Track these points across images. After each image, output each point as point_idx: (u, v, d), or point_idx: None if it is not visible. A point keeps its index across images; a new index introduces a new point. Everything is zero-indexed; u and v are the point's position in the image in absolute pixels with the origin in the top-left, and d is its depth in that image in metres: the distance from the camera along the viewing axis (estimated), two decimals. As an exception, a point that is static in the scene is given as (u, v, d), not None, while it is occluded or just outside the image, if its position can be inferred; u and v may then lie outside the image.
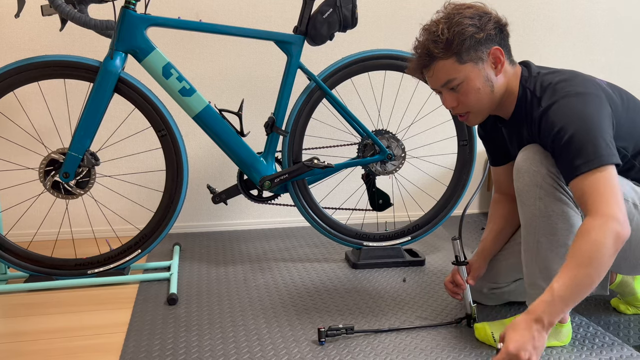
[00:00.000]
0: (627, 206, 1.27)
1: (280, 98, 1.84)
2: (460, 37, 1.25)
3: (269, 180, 1.85)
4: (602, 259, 1.12)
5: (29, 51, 2.11)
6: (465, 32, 1.25)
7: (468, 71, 1.28)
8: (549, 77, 1.29)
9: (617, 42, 2.66)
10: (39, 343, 1.41)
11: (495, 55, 1.29)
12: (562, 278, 1.14)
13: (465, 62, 1.27)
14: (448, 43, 1.25)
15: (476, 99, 1.31)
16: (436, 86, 1.33)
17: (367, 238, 2.01)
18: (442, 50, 1.26)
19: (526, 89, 1.31)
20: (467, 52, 1.26)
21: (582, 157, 1.18)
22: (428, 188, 2.55)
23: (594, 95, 1.23)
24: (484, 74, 1.29)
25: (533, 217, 1.30)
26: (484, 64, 1.28)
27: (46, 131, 2.16)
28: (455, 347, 1.39)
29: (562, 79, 1.27)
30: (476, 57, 1.27)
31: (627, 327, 1.50)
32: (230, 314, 1.57)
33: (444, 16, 1.29)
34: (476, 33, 1.25)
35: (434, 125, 2.49)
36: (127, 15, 1.66)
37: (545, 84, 1.28)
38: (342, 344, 1.41)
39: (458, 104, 1.33)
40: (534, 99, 1.29)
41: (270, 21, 2.28)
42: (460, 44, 1.25)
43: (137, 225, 2.29)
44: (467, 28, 1.25)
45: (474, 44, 1.26)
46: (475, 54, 1.27)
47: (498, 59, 1.29)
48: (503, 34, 1.31)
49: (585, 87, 1.25)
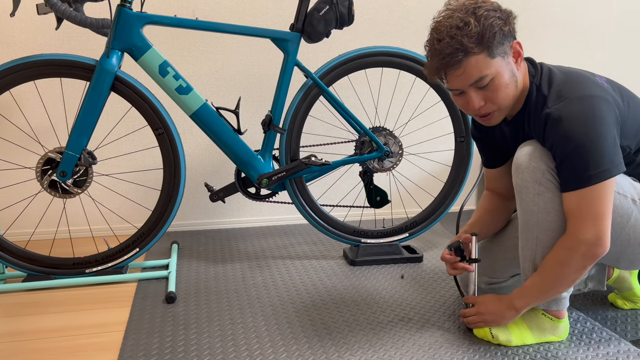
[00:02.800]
0: (625, 202, 1.28)
1: (277, 95, 1.84)
2: (491, 30, 1.19)
3: (267, 178, 1.85)
4: (563, 277, 1.27)
5: (24, 50, 2.10)
6: (495, 25, 1.19)
7: (498, 66, 1.22)
8: (555, 76, 1.28)
9: (614, 38, 2.67)
10: (38, 342, 1.41)
11: (516, 49, 1.25)
12: (534, 279, 1.31)
13: (495, 56, 1.21)
14: (480, 37, 1.19)
15: (505, 94, 1.26)
16: (464, 85, 1.25)
17: (365, 235, 2.01)
18: (475, 44, 1.19)
19: (533, 85, 1.30)
20: (497, 46, 1.21)
21: (577, 174, 1.20)
22: (425, 185, 2.55)
23: (601, 99, 1.22)
24: (510, 68, 1.25)
25: (532, 214, 1.30)
26: (509, 57, 1.25)
27: (43, 130, 2.16)
28: (453, 343, 1.39)
29: (567, 79, 1.26)
30: (503, 52, 1.23)
31: (625, 322, 1.51)
32: (229, 312, 1.58)
33: (463, 10, 1.21)
34: (503, 26, 1.21)
35: (431, 122, 2.49)
36: (123, 14, 1.65)
37: (552, 82, 1.27)
38: (340, 340, 1.41)
39: (485, 103, 1.27)
40: (540, 96, 1.27)
41: (266, 19, 2.27)
42: (492, 37, 1.19)
43: (135, 223, 2.29)
44: (495, 21, 1.20)
45: (502, 37, 1.21)
46: (502, 47, 1.22)
47: (518, 52, 1.26)
48: (514, 28, 1.26)
49: (591, 89, 1.23)
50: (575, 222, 1.23)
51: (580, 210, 1.22)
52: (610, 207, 1.22)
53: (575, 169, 1.21)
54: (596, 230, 1.21)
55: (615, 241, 1.30)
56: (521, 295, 1.33)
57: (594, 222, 1.21)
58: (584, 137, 1.18)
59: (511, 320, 1.37)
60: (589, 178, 1.19)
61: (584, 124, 1.19)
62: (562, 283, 1.28)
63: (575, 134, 1.19)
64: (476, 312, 1.40)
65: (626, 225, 1.29)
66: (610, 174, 1.20)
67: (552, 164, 1.27)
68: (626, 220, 1.29)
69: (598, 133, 1.18)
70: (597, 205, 1.21)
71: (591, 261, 1.25)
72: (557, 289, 1.30)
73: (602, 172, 1.19)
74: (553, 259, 1.27)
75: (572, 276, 1.27)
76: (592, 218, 1.21)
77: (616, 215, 1.28)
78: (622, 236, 1.30)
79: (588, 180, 1.20)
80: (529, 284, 1.33)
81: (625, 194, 1.28)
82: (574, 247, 1.24)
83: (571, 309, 1.58)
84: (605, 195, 1.21)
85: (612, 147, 1.20)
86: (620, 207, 1.28)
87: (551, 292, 1.31)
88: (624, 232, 1.30)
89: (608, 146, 1.19)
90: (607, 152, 1.19)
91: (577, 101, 1.21)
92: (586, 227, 1.22)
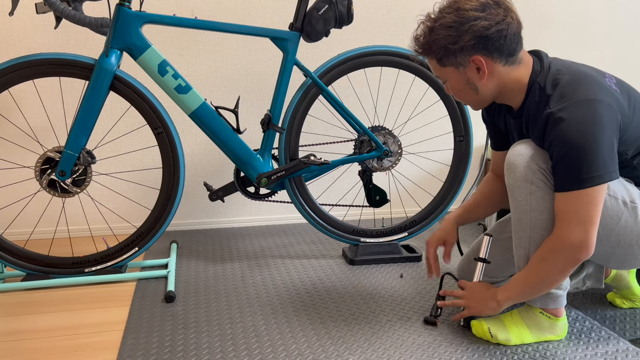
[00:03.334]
0: (616, 204, 1.28)
1: (276, 95, 1.84)
2: (436, 46, 1.27)
3: (266, 177, 1.85)
4: (545, 276, 1.29)
5: (23, 49, 2.10)
6: (439, 42, 1.27)
7: (449, 74, 1.32)
8: (560, 75, 1.27)
9: (613, 36, 2.67)
10: (37, 341, 1.41)
11: (476, 64, 1.28)
12: (520, 274, 1.34)
13: (445, 65, 1.31)
14: (429, 47, 1.29)
15: (461, 96, 1.37)
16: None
17: (364, 234, 2.01)
18: (425, 52, 1.32)
19: (536, 83, 1.29)
20: (447, 58, 1.28)
21: (570, 176, 1.21)
22: (425, 184, 2.55)
23: (604, 104, 1.21)
24: (464, 78, 1.31)
25: (524, 213, 1.30)
26: (465, 68, 1.29)
27: (42, 129, 2.16)
28: (452, 342, 1.40)
29: (573, 80, 1.25)
30: (456, 63, 1.29)
31: (623, 321, 1.51)
32: (228, 311, 1.58)
33: (437, 12, 1.28)
34: (450, 44, 1.25)
35: (430, 121, 2.49)
36: (122, 13, 1.65)
37: (556, 82, 1.26)
38: (340, 339, 1.41)
39: (453, 94, 1.38)
40: (543, 95, 1.27)
41: (265, 18, 2.27)
42: (438, 50, 1.28)
43: (134, 223, 2.29)
44: (440, 39, 1.26)
45: (452, 51, 1.26)
46: (455, 60, 1.28)
47: (479, 67, 1.28)
48: (490, 40, 1.24)
49: (596, 92, 1.22)
50: (562, 223, 1.24)
51: (568, 212, 1.23)
52: (599, 212, 1.22)
53: (569, 171, 1.21)
54: (581, 235, 1.22)
55: (605, 242, 1.30)
56: (505, 289, 1.36)
57: (580, 226, 1.22)
58: (581, 140, 1.18)
59: (493, 312, 1.38)
60: (581, 181, 1.20)
61: (583, 127, 1.19)
62: (544, 282, 1.29)
63: (573, 136, 1.19)
64: (463, 295, 1.45)
65: (615, 226, 1.30)
66: (602, 180, 1.20)
67: (544, 164, 1.27)
68: (615, 222, 1.29)
69: (595, 138, 1.18)
70: (586, 209, 1.21)
71: (573, 264, 1.26)
72: (540, 287, 1.31)
73: (594, 177, 1.19)
74: (538, 257, 1.29)
75: (554, 277, 1.28)
76: (579, 222, 1.22)
77: (606, 217, 1.28)
78: (612, 237, 1.31)
79: (580, 184, 1.20)
80: (514, 278, 1.35)
81: (616, 196, 1.29)
82: (557, 248, 1.25)
83: (570, 307, 1.58)
84: (595, 201, 1.21)
85: (608, 154, 1.20)
86: (611, 209, 1.28)
87: (533, 290, 1.32)
88: (613, 234, 1.30)
89: (604, 152, 1.19)
90: (602, 158, 1.19)
91: (580, 104, 1.20)
92: (572, 230, 1.22)
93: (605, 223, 1.28)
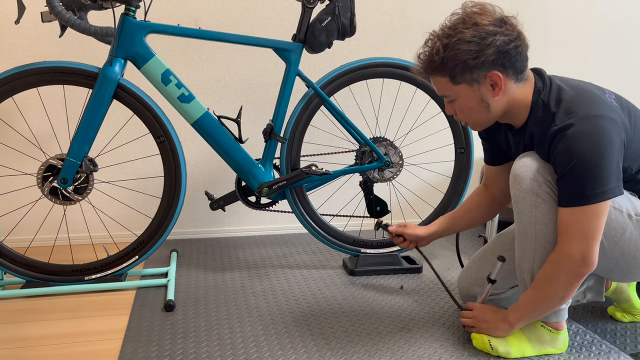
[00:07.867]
0: (620, 217, 1.28)
1: (278, 105, 1.85)
2: (453, 62, 1.23)
3: (267, 186, 1.85)
4: (552, 294, 1.28)
5: (28, 57, 2.11)
6: (458, 58, 1.23)
7: (461, 91, 1.28)
8: (564, 92, 1.27)
9: (611, 49, 2.68)
10: (36, 349, 1.41)
11: (492, 80, 1.26)
12: (528, 294, 1.33)
13: (459, 82, 1.26)
14: (442, 64, 1.25)
15: (469, 115, 1.33)
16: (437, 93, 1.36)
17: (365, 245, 2.01)
18: (436, 69, 1.27)
19: (539, 100, 1.29)
20: (462, 75, 1.25)
21: (575, 191, 1.21)
22: (425, 195, 2.55)
23: (609, 120, 1.21)
24: (478, 95, 1.28)
25: (529, 225, 1.30)
26: (479, 85, 1.26)
27: (44, 137, 2.17)
28: (452, 354, 1.39)
29: (576, 96, 1.25)
30: (471, 80, 1.26)
31: (624, 335, 1.51)
32: (228, 320, 1.57)
33: (447, 28, 1.25)
34: (471, 59, 1.22)
35: (431, 132, 2.50)
36: (127, 22, 1.67)
37: (559, 99, 1.26)
38: (339, 350, 1.41)
39: (456, 114, 1.35)
40: (548, 113, 1.27)
41: (269, 29, 2.29)
42: (454, 67, 1.24)
43: (134, 231, 2.29)
44: (460, 54, 1.22)
45: (471, 67, 1.24)
46: (471, 76, 1.25)
47: (496, 83, 1.26)
48: (509, 56, 1.24)
49: (601, 109, 1.22)
50: (564, 237, 1.24)
51: (572, 227, 1.23)
52: (602, 227, 1.23)
53: (574, 186, 1.21)
54: (583, 249, 1.22)
55: (609, 254, 1.30)
56: (515, 310, 1.36)
57: (583, 241, 1.22)
58: (587, 155, 1.18)
59: (505, 334, 1.38)
60: (586, 197, 1.20)
61: (589, 142, 1.18)
62: (552, 299, 1.29)
63: (579, 150, 1.19)
64: (473, 316, 1.45)
65: (620, 239, 1.30)
66: (607, 196, 1.20)
67: (549, 176, 1.27)
68: (620, 235, 1.29)
69: (602, 153, 1.18)
70: (589, 224, 1.21)
71: (577, 278, 1.25)
72: (549, 304, 1.31)
73: (599, 194, 1.19)
74: (543, 274, 1.29)
75: (561, 292, 1.28)
76: (582, 236, 1.22)
77: (610, 229, 1.28)
78: (616, 250, 1.31)
79: (585, 200, 1.20)
80: (523, 298, 1.35)
81: (620, 209, 1.29)
82: (560, 262, 1.25)
83: (571, 321, 1.57)
84: (599, 216, 1.21)
85: (613, 170, 1.20)
86: (616, 221, 1.28)
87: (543, 308, 1.32)
88: (618, 246, 1.30)
89: (609, 168, 1.19)
90: (608, 174, 1.19)
91: (586, 120, 1.20)
92: (574, 244, 1.23)
93: (610, 235, 1.28)
